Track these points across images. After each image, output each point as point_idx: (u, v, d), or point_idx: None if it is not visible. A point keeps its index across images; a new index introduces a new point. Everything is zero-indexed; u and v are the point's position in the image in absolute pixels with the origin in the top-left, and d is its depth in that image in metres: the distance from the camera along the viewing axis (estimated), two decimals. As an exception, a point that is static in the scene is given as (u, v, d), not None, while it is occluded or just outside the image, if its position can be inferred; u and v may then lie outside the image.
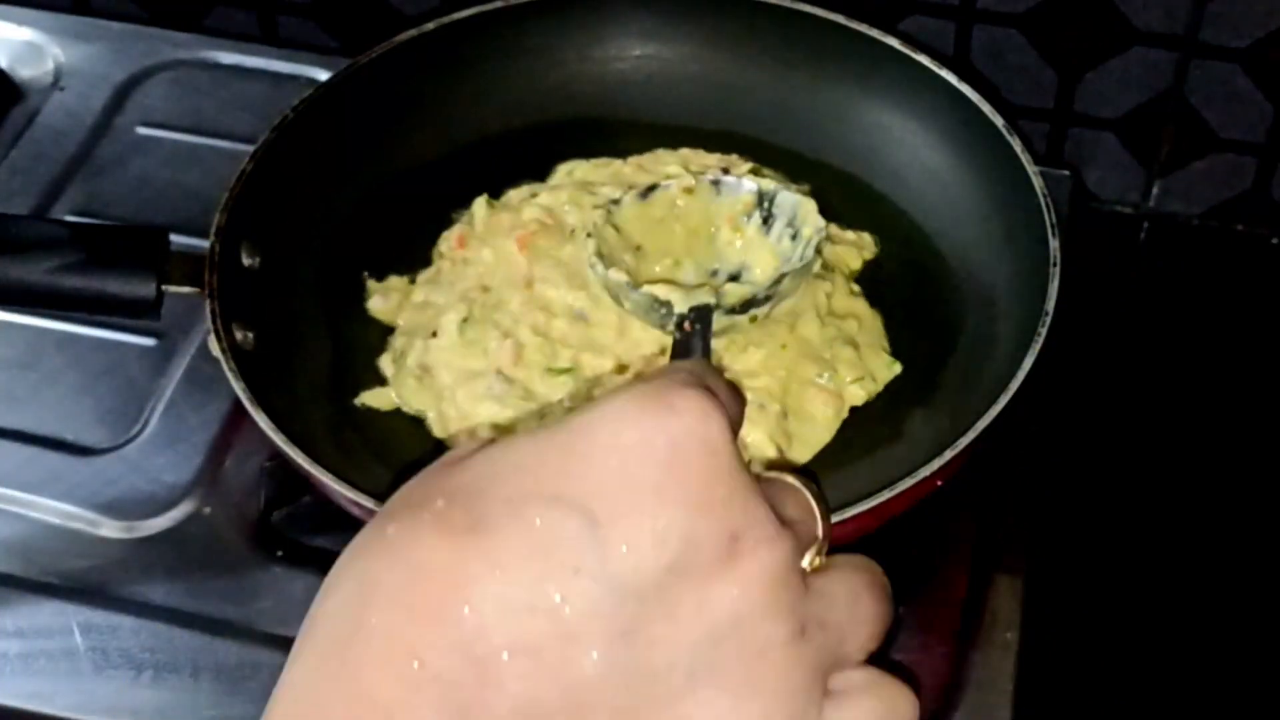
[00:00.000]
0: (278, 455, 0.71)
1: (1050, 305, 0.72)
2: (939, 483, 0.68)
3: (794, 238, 0.78)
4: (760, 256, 0.78)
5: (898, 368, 0.78)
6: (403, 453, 0.75)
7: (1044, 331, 0.71)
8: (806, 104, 0.88)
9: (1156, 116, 0.96)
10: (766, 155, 0.87)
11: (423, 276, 0.82)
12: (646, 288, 0.74)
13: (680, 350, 0.70)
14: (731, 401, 0.39)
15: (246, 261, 0.77)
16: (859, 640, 0.40)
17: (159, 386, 0.84)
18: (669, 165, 0.86)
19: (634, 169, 0.86)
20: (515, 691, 0.35)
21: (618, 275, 0.75)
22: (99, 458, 0.81)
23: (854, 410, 0.76)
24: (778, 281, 0.76)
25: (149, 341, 0.86)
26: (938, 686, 0.73)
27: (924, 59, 0.84)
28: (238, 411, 0.77)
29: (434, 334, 0.77)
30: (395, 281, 0.82)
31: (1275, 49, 0.91)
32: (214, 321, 0.72)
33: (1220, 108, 0.94)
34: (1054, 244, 0.75)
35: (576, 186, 0.85)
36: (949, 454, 0.67)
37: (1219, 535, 0.84)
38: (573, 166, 0.87)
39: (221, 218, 0.76)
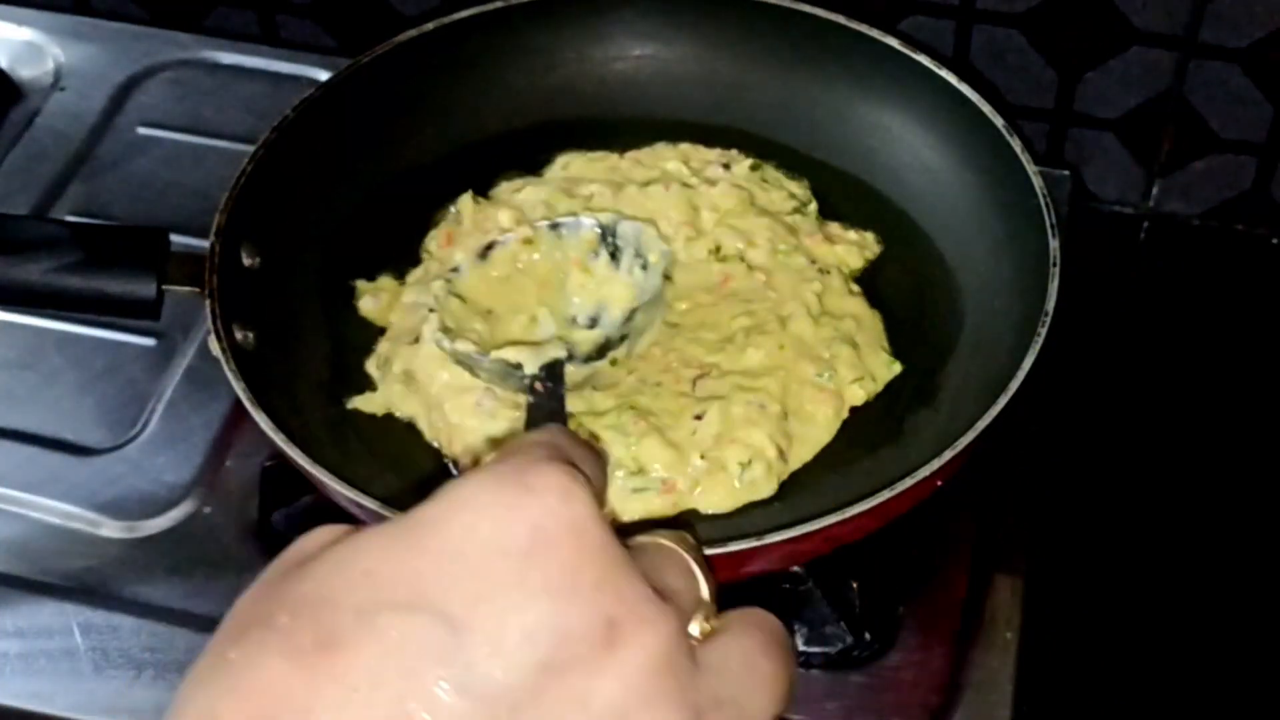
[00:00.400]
0: (278, 455, 0.71)
1: (1050, 305, 0.72)
2: (939, 483, 0.68)
3: (644, 268, 0.76)
4: (615, 292, 0.77)
5: (898, 367, 0.78)
6: (403, 453, 0.75)
7: (1044, 331, 0.71)
8: (807, 104, 0.88)
9: (1156, 116, 0.96)
10: (767, 153, 0.87)
11: (411, 277, 0.82)
12: (494, 354, 0.72)
13: (534, 411, 0.67)
14: (595, 469, 0.37)
15: (246, 261, 0.77)
16: (759, 708, 0.37)
17: (159, 386, 0.84)
18: (668, 160, 0.86)
19: (631, 163, 0.86)
20: None
21: (464, 346, 0.73)
22: (99, 458, 0.81)
23: (854, 410, 0.76)
24: (630, 318, 0.75)
25: (149, 341, 0.86)
26: (938, 686, 0.73)
27: (924, 59, 0.84)
28: (238, 411, 0.77)
29: (416, 340, 0.77)
30: (385, 282, 0.82)
31: (1275, 49, 0.91)
32: (214, 321, 0.72)
33: (1220, 108, 0.94)
34: (1054, 244, 0.75)
35: (566, 181, 0.85)
36: (949, 454, 0.67)
37: (1219, 535, 0.84)
38: (569, 159, 0.87)
39: (221, 218, 0.76)
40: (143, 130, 0.98)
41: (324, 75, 0.93)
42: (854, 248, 0.83)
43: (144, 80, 1.01)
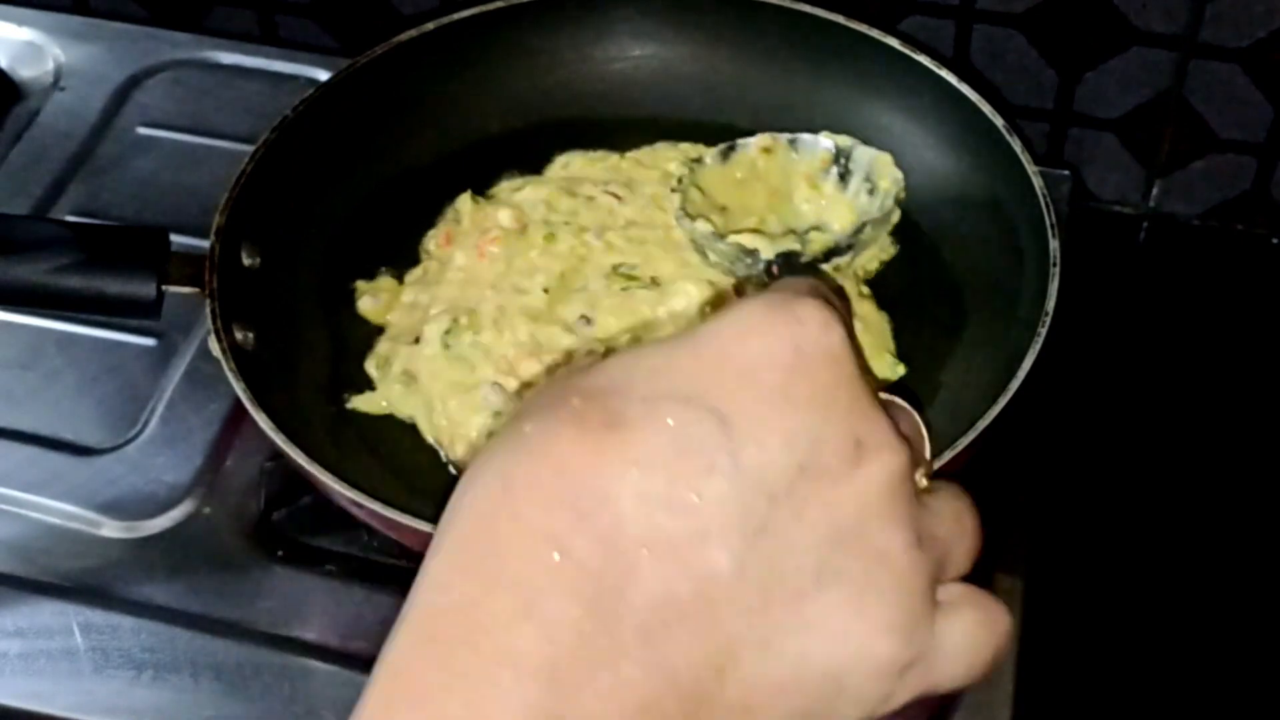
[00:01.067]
0: (278, 455, 0.71)
1: (1050, 305, 0.72)
2: (939, 483, 0.67)
3: (871, 192, 0.80)
4: (839, 212, 0.81)
5: (901, 369, 0.78)
6: (402, 453, 0.75)
7: (1044, 331, 0.71)
8: (806, 104, 0.88)
9: (1156, 116, 0.96)
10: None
11: (410, 276, 0.82)
12: (732, 237, 0.77)
13: None
14: (846, 312, 0.40)
15: (246, 261, 0.77)
16: (960, 557, 0.41)
17: (159, 386, 0.84)
18: (669, 160, 0.86)
19: (632, 164, 0.86)
20: (650, 585, 0.36)
21: (704, 226, 0.78)
22: (99, 458, 0.81)
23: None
24: (859, 230, 0.78)
25: (149, 341, 0.86)
26: (938, 686, 0.72)
27: (924, 59, 0.84)
28: (238, 411, 0.77)
29: (417, 340, 0.77)
30: (384, 281, 0.82)
31: (1275, 49, 0.91)
32: (214, 321, 0.72)
33: (1220, 108, 0.94)
34: (1054, 244, 0.75)
35: (566, 181, 0.85)
36: (948, 454, 0.67)
37: (1219, 535, 0.84)
38: (569, 159, 0.87)
39: (221, 218, 0.76)
40: (143, 130, 0.98)
41: (324, 75, 0.93)
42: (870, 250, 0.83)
43: (144, 80, 1.01)
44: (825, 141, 0.81)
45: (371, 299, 0.81)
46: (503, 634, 0.35)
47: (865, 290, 0.81)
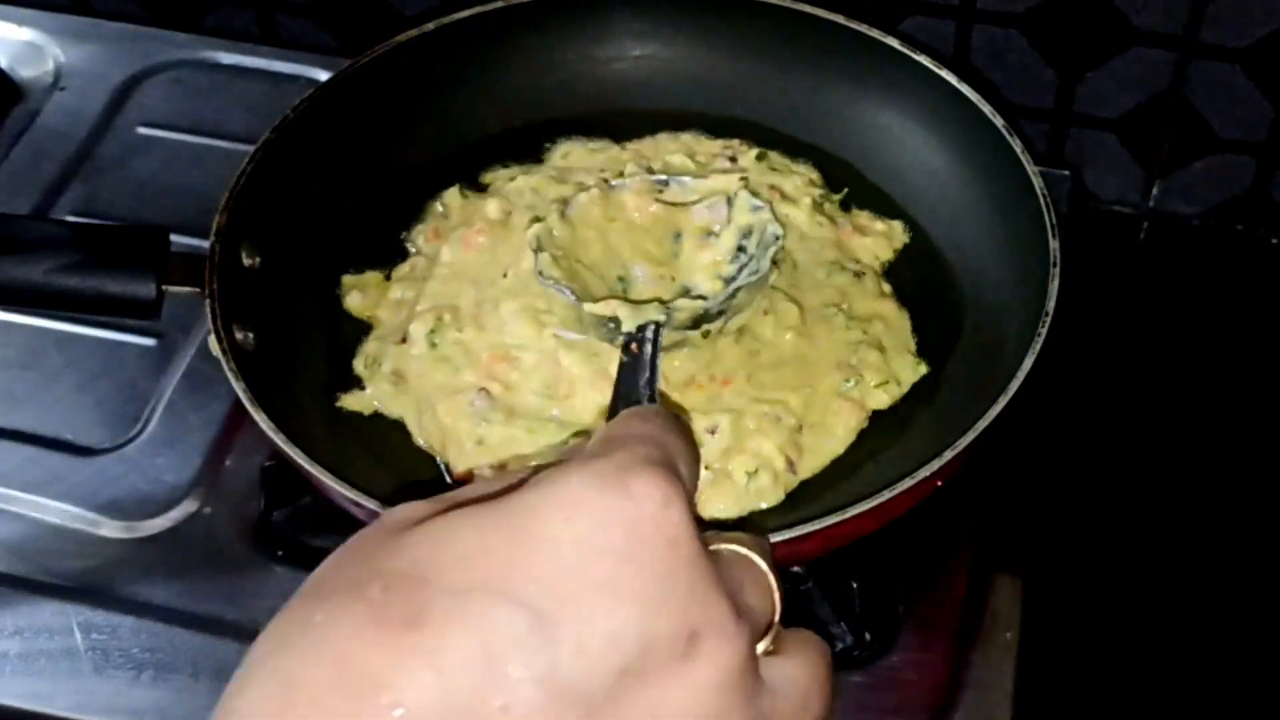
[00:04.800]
0: (278, 455, 0.71)
1: (1050, 305, 0.72)
2: (939, 483, 0.68)
3: (745, 248, 0.75)
4: (711, 269, 0.76)
5: (924, 369, 0.78)
6: (402, 453, 0.75)
7: (1044, 331, 0.71)
8: (806, 104, 0.88)
9: (1156, 116, 0.96)
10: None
11: (398, 273, 0.82)
12: (589, 307, 0.71)
13: (627, 374, 0.65)
14: (690, 466, 0.37)
15: (246, 261, 0.77)
16: None
17: (159, 386, 0.84)
18: (670, 152, 0.86)
19: (633, 155, 0.86)
20: None
21: (562, 291, 0.72)
22: (99, 458, 0.81)
23: (854, 410, 0.76)
24: (732, 296, 0.73)
25: (149, 341, 0.86)
26: (938, 686, 0.73)
27: (924, 59, 0.84)
28: (238, 411, 0.77)
29: (404, 339, 0.77)
30: (371, 277, 0.82)
31: (1275, 49, 0.91)
32: (214, 321, 0.72)
33: (1220, 108, 0.94)
34: (1054, 244, 0.75)
35: (561, 171, 0.85)
36: (949, 454, 0.67)
37: (1219, 535, 0.84)
38: (569, 148, 0.87)
39: (221, 218, 0.76)
40: (143, 130, 0.98)
41: (324, 75, 0.93)
42: (882, 239, 0.83)
43: (144, 80, 1.01)
44: (702, 185, 0.77)
45: (359, 295, 0.81)
46: None
47: (887, 289, 0.81)
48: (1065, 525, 0.83)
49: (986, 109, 0.81)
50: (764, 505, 0.72)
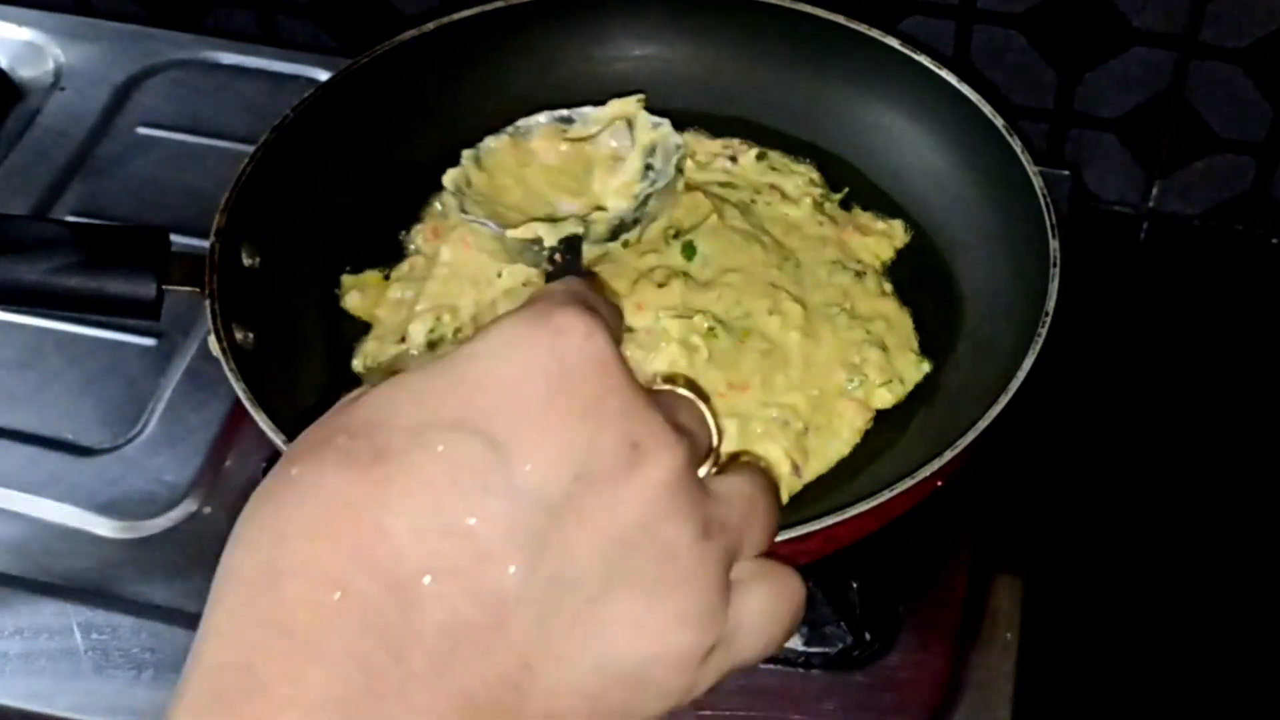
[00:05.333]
0: (277, 455, 0.71)
1: (1050, 305, 0.72)
2: (939, 483, 0.68)
3: (651, 164, 0.78)
4: (622, 187, 0.78)
5: (927, 367, 0.78)
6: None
7: (1044, 331, 0.71)
8: (806, 104, 0.88)
9: (1156, 116, 0.96)
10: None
11: (396, 272, 0.82)
12: (511, 232, 0.73)
13: (552, 280, 0.68)
14: (612, 316, 0.40)
15: (246, 261, 0.77)
16: (756, 537, 0.41)
17: (159, 386, 0.84)
18: None
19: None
20: (435, 612, 0.36)
21: (484, 219, 0.75)
22: (99, 458, 0.81)
23: (854, 410, 0.76)
24: (643, 203, 0.76)
25: (149, 341, 0.86)
26: (938, 686, 0.73)
27: (924, 59, 0.84)
28: (238, 411, 0.77)
29: (402, 339, 0.77)
30: (370, 276, 0.82)
31: (1275, 49, 0.91)
32: (214, 321, 0.72)
33: (1220, 108, 0.94)
34: (1054, 244, 0.75)
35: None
36: (949, 454, 0.67)
37: (1219, 535, 0.84)
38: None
39: (221, 218, 0.76)
40: (143, 130, 0.98)
41: (324, 75, 0.93)
42: (883, 238, 0.83)
43: (144, 80, 1.01)
44: (602, 114, 0.80)
45: (358, 294, 0.81)
46: (290, 680, 0.35)
47: (888, 288, 0.81)
48: (1065, 525, 0.83)
49: (986, 109, 0.81)
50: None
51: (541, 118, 0.80)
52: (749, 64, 0.89)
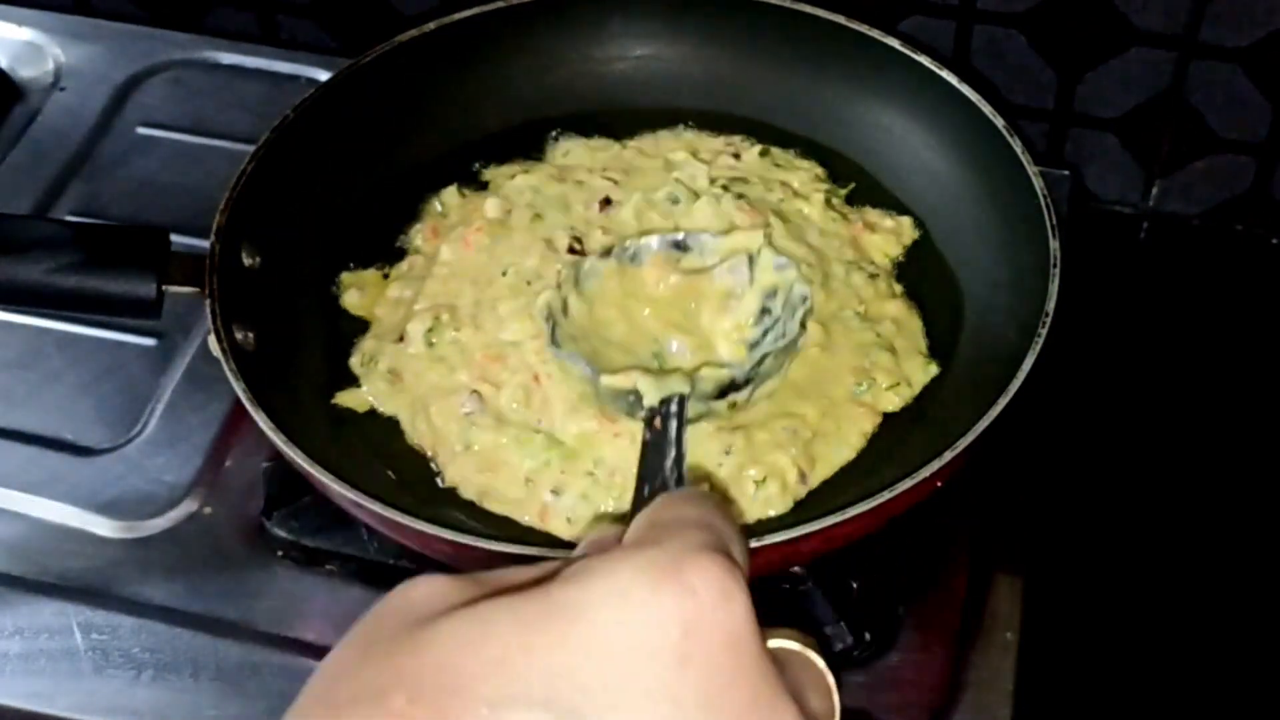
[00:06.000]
0: (278, 455, 0.71)
1: (1050, 305, 0.72)
2: (939, 483, 0.68)
3: (770, 310, 0.71)
4: (736, 336, 0.71)
5: (935, 369, 0.77)
6: (402, 453, 0.75)
7: (1044, 331, 0.71)
8: (807, 104, 0.88)
9: (1156, 116, 0.96)
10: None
11: (396, 271, 0.82)
12: (607, 380, 0.66)
13: (653, 454, 0.57)
14: (742, 551, 0.34)
15: (246, 261, 0.77)
16: None
17: (159, 386, 0.84)
18: (673, 150, 0.85)
19: (634, 152, 0.86)
20: None
21: (577, 359, 0.68)
22: (99, 458, 0.81)
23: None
24: (759, 363, 0.69)
25: (149, 341, 0.86)
26: (938, 686, 0.73)
27: (924, 59, 0.84)
28: (238, 411, 0.77)
29: (401, 338, 0.77)
30: (369, 275, 0.82)
31: (1275, 49, 0.91)
32: (214, 321, 0.72)
33: (1220, 108, 0.94)
34: (1054, 244, 0.75)
35: (561, 169, 0.85)
36: (949, 454, 0.67)
37: (1219, 535, 0.84)
38: (570, 146, 0.87)
39: (221, 218, 0.76)
40: (143, 130, 0.98)
41: (324, 75, 0.93)
42: (891, 236, 0.82)
43: (144, 80, 1.01)
44: (722, 244, 0.71)
45: (357, 292, 0.81)
46: None
47: (898, 289, 0.80)
48: (1065, 525, 0.83)
49: (986, 109, 0.81)
50: (771, 514, 0.72)
51: (654, 241, 0.71)
52: (749, 64, 0.89)
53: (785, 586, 0.72)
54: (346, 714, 0.30)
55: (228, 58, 1.03)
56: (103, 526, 0.79)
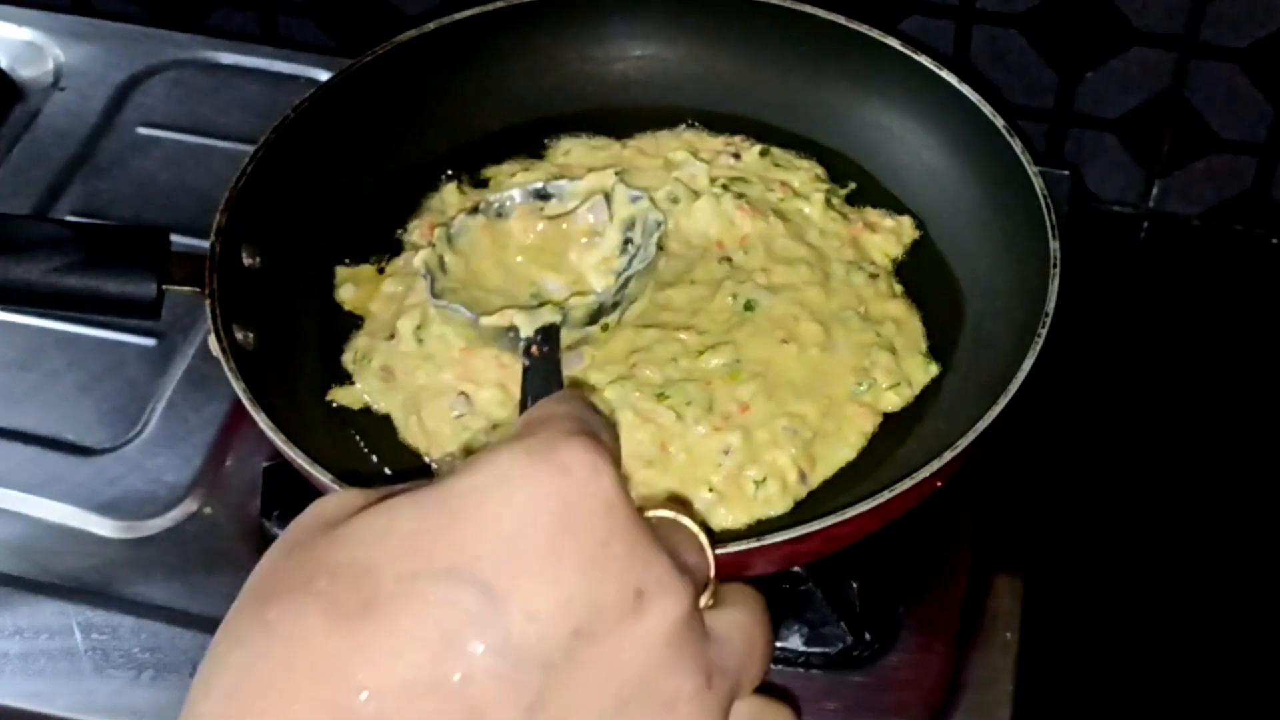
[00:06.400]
0: (278, 455, 0.71)
1: (1050, 305, 0.72)
2: (939, 483, 0.68)
3: (630, 241, 0.76)
4: (602, 266, 0.77)
5: (935, 369, 0.77)
6: (400, 451, 0.75)
7: (1044, 331, 0.71)
8: (806, 104, 0.88)
9: (1156, 116, 0.96)
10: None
11: (391, 267, 0.82)
12: (485, 319, 0.71)
13: (533, 377, 0.67)
14: (611, 437, 0.38)
15: (246, 261, 0.77)
16: (751, 675, 0.39)
17: (159, 386, 0.84)
18: (673, 149, 0.85)
19: (634, 152, 0.86)
20: None
21: (456, 307, 0.73)
22: (99, 458, 0.81)
23: (853, 410, 0.76)
24: (623, 286, 0.74)
25: (149, 341, 0.86)
26: (938, 686, 0.73)
27: (924, 59, 0.84)
28: (238, 411, 0.77)
29: (391, 336, 0.77)
30: (364, 270, 0.82)
31: (1275, 49, 0.91)
32: (214, 321, 0.72)
33: (1220, 108, 0.94)
34: (1054, 244, 0.75)
35: (562, 168, 0.85)
36: (949, 454, 0.67)
37: (1219, 535, 0.85)
38: (570, 145, 0.87)
39: (221, 218, 0.76)
40: (143, 130, 0.98)
41: (324, 75, 0.93)
42: (891, 235, 0.82)
43: (144, 80, 1.01)
44: (579, 187, 0.78)
45: (352, 287, 0.81)
46: None
47: (898, 289, 0.80)
48: (1065, 525, 0.83)
49: (986, 109, 0.81)
50: (772, 514, 0.72)
51: (516, 194, 0.78)
52: (749, 64, 0.89)
53: (785, 586, 0.72)
54: (278, 600, 0.35)
55: (228, 58, 1.03)
56: (103, 526, 0.79)
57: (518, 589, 0.35)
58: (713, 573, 0.40)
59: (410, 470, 0.75)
